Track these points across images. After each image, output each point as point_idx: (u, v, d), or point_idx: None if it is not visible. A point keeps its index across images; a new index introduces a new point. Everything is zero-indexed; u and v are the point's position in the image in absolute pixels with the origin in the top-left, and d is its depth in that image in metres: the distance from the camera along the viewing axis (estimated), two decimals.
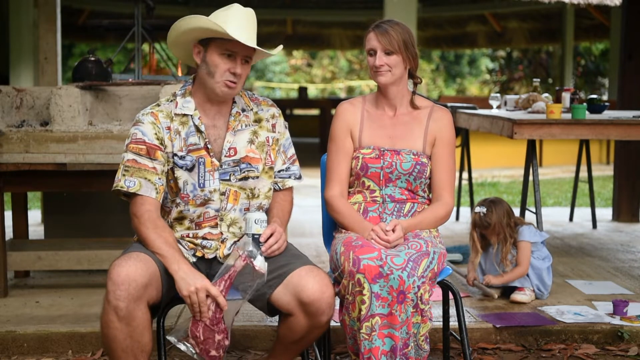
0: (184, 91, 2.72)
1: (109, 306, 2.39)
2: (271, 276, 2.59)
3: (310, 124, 14.46)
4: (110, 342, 2.43)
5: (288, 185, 2.82)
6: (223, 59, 2.60)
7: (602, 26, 14.37)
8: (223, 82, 2.61)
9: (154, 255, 2.52)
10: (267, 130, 2.76)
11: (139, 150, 2.60)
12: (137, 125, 2.64)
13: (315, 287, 2.52)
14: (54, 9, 5.77)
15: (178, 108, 2.67)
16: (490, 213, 3.82)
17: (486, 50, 20.93)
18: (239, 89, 2.68)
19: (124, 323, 2.39)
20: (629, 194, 6.41)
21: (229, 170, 2.67)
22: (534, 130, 4.16)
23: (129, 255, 2.48)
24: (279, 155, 2.80)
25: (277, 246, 2.62)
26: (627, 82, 6.31)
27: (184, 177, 2.64)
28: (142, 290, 2.41)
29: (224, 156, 2.67)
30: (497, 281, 3.85)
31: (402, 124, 2.96)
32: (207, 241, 2.67)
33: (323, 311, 2.54)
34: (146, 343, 2.46)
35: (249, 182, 2.70)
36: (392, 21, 2.90)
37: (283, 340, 2.66)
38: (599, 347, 3.46)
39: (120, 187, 2.58)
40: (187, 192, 2.64)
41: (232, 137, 2.70)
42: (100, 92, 4.11)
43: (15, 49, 10.57)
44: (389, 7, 8.80)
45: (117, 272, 2.40)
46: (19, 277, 4.34)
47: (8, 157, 3.68)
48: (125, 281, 2.38)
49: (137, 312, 2.40)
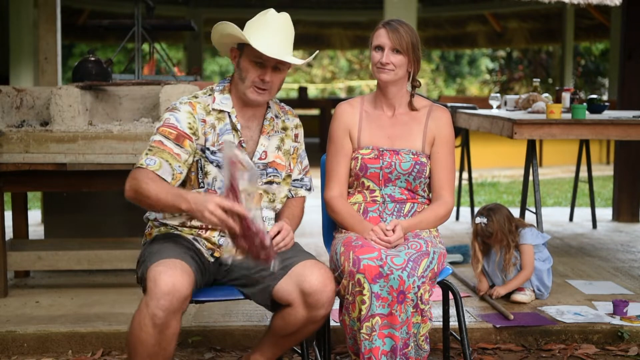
0: (222, 87, 2.74)
1: (147, 310, 2.37)
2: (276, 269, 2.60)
3: (310, 124, 14.43)
4: (137, 345, 2.42)
5: (300, 194, 2.88)
6: (253, 65, 2.62)
7: (602, 26, 14.38)
8: (252, 89, 2.64)
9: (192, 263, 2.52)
10: (291, 139, 2.83)
11: (168, 134, 2.59)
12: (173, 111, 2.64)
13: (318, 279, 2.55)
14: (54, 9, 5.77)
15: (216, 103, 2.70)
16: (491, 222, 3.81)
17: (486, 50, 20.95)
18: (272, 96, 2.70)
19: (157, 331, 2.39)
20: (629, 194, 6.41)
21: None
22: (534, 130, 4.16)
23: (174, 263, 2.45)
24: (297, 164, 2.86)
25: (283, 243, 2.64)
26: (627, 82, 6.30)
27: (214, 173, 2.66)
28: (183, 303, 2.41)
29: (256, 159, 2.71)
30: (505, 290, 3.84)
31: (401, 123, 2.96)
32: (223, 238, 2.66)
33: (322, 304, 2.56)
34: (171, 351, 2.47)
35: (273, 186, 2.76)
36: (402, 21, 2.91)
37: (275, 333, 2.68)
38: (599, 347, 3.46)
39: (141, 164, 2.55)
40: (215, 189, 2.66)
41: (267, 141, 2.74)
42: (100, 92, 4.11)
43: (15, 49, 10.56)
44: (389, 7, 8.79)
45: (165, 280, 2.38)
46: (19, 277, 4.34)
47: (8, 157, 3.68)
48: (170, 292, 2.37)
49: (173, 322, 2.41)
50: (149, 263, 2.49)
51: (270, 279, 2.61)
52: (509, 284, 3.84)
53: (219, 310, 3.69)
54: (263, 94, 2.65)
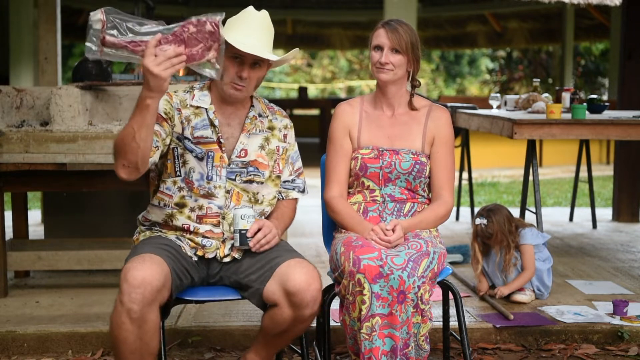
0: (202, 85, 2.77)
1: (122, 308, 2.38)
2: (263, 270, 2.62)
3: (310, 124, 14.45)
4: (119, 344, 2.43)
5: (291, 196, 2.86)
6: (232, 61, 2.63)
7: (602, 26, 14.37)
8: (230, 85, 2.65)
9: (166, 256, 2.52)
10: (278, 139, 2.81)
11: None
12: None
13: (301, 278, 2.53)
14: (54, 9, 5.77)
15: (194, 100, 2.72)
16: (491, 223, 3.81)
17: (486, 50, 20.94)
18: (249, 92, 2.71)
19: (135, 325, 2.39)
20: (629, 194, 6.41)
21: (236, 171, 2.70)
22: (534, 130, 4.16)
23: (142, 257, 2.47)
24: (286, 166, 2.84)
25: (265, 241, 2.64)
26: (627, 82, 6.31)
27: (192, 164, 2.67)
28: (156, 294, 2.41)
29: (235, 156, 2.71)
30: (507, 290, 3.84)
31: (401, 123, 2.96)
32: (207, 240, 2.68)
33: (307, 303, 2.54)
34: (154, 346, 2.47)
35: (253, 185, 2.74)
36: (402, 21, 2.91)
37: (266, 332, 2.68)
38: (599, 347, 3.46)
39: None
40: (192, 179, 2.66)
41: (246, 139, 2.74)
42: (100, 92, 4.11)
43: (15, 49, 10.56)
44: (389, 7, 8.80)
45: (133, 275, 2.39)
46: (19, 277, 4.34)
47: (8, 157, 3.67)
48: (141, 284, 2.38)
49: (150, 315, 2.41)
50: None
51: (258, 283, 2.62)
52: (512, 284, 3.84)
53: (219, 310, 3.69)
54: (241, 90, 2.66)
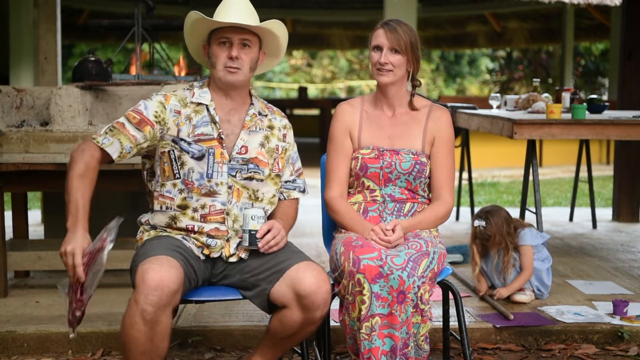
0: (202, 83, 2.80)
1: (137, 308, 2.38)
2: (271, 271, 2.62)
3: (310, 124, 14.46)
4: (130, 343, 2.43)
5: (293, 196, 2.88)
6: (220, 47, 2.68)
7: (602, 26, 14.37)
8: (224, 70, 2.68)
9: (180, 259, 2.53)
10: (277, 138, 2.83)
11: (132, 119, 2.64)
12: (147, 99, 2.71)
13: (312, 281, 2.55)
14: (54, 9, 5.77)
15: (195, 97, 2.74)
16: (489, 225, 3.81)
17: (486, 50, 20.93)
18: (245, 75, 2.72)
19: (148, 327, 2.40)
20: (629, 194, 6.41)
21: (236, 167, 2.71)
22: (534, 130, 4.16)
23: (159, 259, 2.47)
24: (287, 166, 2.86)
25: (274, 242, 2.65)
26: (627, 82, 6.30)
27: (190, 165, 2.67)
28: (172, 297, 2.42)
29: (235, 153, 2.72)
30: (507, 292, 3.84)
31: (401, 123, 2.96)
32: (212, 239, 2.68)
33: (318, 306, 2.56)
34: (164, 348, 2.47)
35: (253, 183, 2.75)
36: (401, 21, 2.91)
37: (273, 335, 2.68)
38: (599, 347, 3.46)
39: (94, 137, 2.61)
40: (192, 180, 2.67)
41: (247, 135, 2.75)
42: (100, 92, 4.11)
43: (15, 49, 10.57)
44: (389, 7, 8.80)
45: (152, 276, 2.40)
46: (19, 277, 4.34)
47: (8, 157, 3.68)
48: (158, 287, 2.38)
49: (163, 317, 2.42)
50: (138, 264, 2.50)
51: (266, 282, 2.62)
52: (511, 285, 3.84)
53: (219, 310, 3.69)
54: (236, 73, 2.68)
